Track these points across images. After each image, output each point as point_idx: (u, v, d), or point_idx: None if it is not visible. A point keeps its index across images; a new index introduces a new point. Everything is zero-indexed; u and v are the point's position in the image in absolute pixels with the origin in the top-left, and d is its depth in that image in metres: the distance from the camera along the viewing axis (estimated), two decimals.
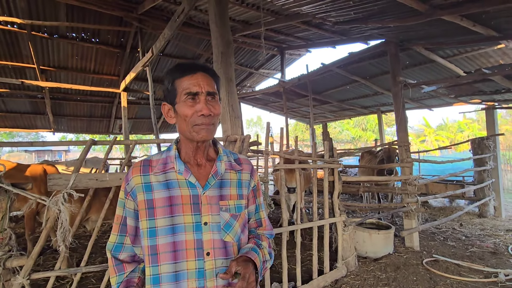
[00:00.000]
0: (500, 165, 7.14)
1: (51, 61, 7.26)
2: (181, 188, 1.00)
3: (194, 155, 1.06)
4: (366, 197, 7.51)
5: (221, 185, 1.05)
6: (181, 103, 0.99)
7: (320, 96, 9.55)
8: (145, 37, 6.71)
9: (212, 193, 1.02)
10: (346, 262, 3.90)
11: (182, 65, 1.04)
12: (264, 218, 1.21)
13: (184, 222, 0.97)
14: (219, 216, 1.01)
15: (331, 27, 5.45)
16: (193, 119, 0.98)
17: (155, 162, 1.05)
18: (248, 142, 3.13)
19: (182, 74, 1.01)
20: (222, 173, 1.06)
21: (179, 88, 0.99)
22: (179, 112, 1.00)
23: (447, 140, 21.29)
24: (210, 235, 0.99)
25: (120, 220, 1.06)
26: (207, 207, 1.00)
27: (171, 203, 0.98)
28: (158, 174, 1.02)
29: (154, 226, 0.97)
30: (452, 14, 3.68)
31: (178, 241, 0.96)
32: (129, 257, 1.08)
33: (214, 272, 0.97)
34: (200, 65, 1.04)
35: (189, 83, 0.98)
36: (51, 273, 2.28)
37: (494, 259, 4.25)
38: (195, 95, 0.98)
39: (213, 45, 3.41)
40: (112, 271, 1.05)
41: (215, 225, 1.00)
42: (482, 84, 6.07)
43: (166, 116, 1.07)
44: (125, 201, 1.04)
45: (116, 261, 1.05)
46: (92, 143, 2.42)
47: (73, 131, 10.51)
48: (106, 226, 5.98)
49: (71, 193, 2.24)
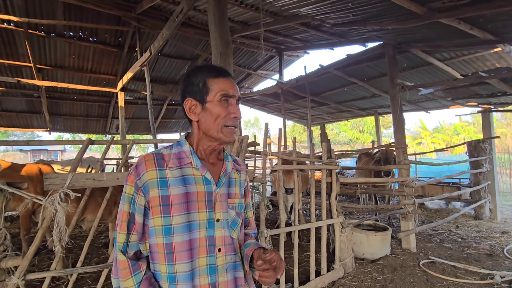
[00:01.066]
0: (495, 167, 7.19)
1: (48, 60, 7.21)
2: (197, 184, 1.00)
3: (210, 153, 1.08)
4: (363, 198, 7.53)
5: (229, 183, 1.09)
6: (215, 102, 1.01)
7: (318, 98, 9.57)
8: (143, 36, 6.68)
9: (223, 190, 1.06)
10: (344, 263, 3.90)
11: (214, 67, 1.08)
12: (251, 217, 1.26)
13: (199, 219, 0.98)
14: (227, 214, 1.04)
15: (329, 28, 5.47)
16: (225, 120, 1.01)
17: (167, 156, 1.02)
18: (247, 143, 3.12)
19: (218, 75, 1.03)
20: (230, 172, 1.11)
21: (215, 87, 1.01)
22: (211, 111, 1.01)
23: (443, 142, 21.43)
24: (222, 231, 1.02)
25: (127, 217, 0.99)
26: (220, 204, 1.03)
27: (187, 200, 0.97)
28: (173, 169, 1.00)
29: (169, 224, 0.95)
30: (450, 17, 3.71)
31: (193, 239, 0.97)
32: (134, 254, 1.01)
33: (224, 267, 1.01)
34: (229, 72, 1.09)
35: (225, 85, 1.02)
36: (47, 273, 2.26)
37: (490, 261, 4.28)
38: (230, 98, 1.02)
39: (212, 45, 3.41)
40: (127, 273, 0.96)
41: (225, 222, 1.03)
42: (478, 87, 6.12)
43: (189, 112, 1.05)
44: (134, 196, 0.98)
45: (131, 261, 0.97)
46: (90, 142, 2.40)
47: (70, 131, 10.45)
48: (102, 227, 5.94)
49: (67, 192, 2.22)
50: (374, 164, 6.47)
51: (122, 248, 0.99)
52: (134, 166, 1.01)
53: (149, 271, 1.01)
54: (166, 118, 11.31)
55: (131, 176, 1.00)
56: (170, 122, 11.86)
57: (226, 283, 1.00)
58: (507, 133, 21.56)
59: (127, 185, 1.00)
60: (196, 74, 1.05)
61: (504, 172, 11.70)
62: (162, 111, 10.66)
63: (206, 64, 1.10)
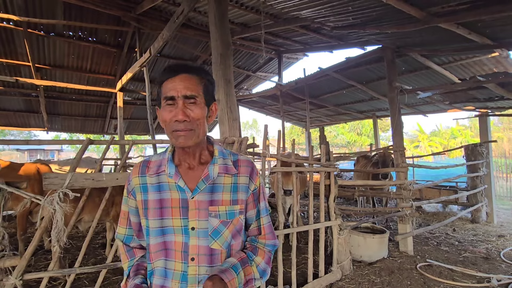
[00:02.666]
0: (492, 171, 7.24)
1: (47, 59, 7.19)
2: (171, 191, 1.00)
3: (184, 158, 1.04)
4: (361, 201, 7.54)
5: (212, 189, 1.01)
6: (162, 108, 0.98)
7: (317, 100, 9.60)
8: (143, 37, 6.68)
9: (201, 197, 0.99)
10: (341, 266, 3.90)
11: (168, 67, 1.00)
12: (264, 225, 1.12)
13: (173, 225, 0.98)
14: (207, 222, 0.97)
15: (329, 31, 5.50)
16: (171, 124, 0.95)
17: (152, 163, 1.07)
18: (246, 144, 3.13)
19: (165, 77, 0.98)
20: (214, 177, 1.01)
21: (162, 92, 0.97)
22: (159, 117, 0.99)
23: (440, 146, 21.54)
24: (196, 240, 0.96)
25: (126, 215, 1.10)
26: (195, 212, 0.97)
27: (161, 206, 0.99)
28: (152, 176, 1.03)
29: (147, 226, 1.00)
30: (449, 21, 3.74)
31: (168, 241, 0.98)
32: (139, 245, 1.12)
33: (196, 279, 0.95)
34: (183, 66, 0.99)
35: (167, 87, 0.96)
36: (45, 273, 2.25)
37: (486, 264, 4.30)
38: (171, 100, 0.94)
39: (212, 47, 3.42)
40: (124, 257, 1.10)
41: (201, 231, 0.97)
42: (476, 91, 6.17)
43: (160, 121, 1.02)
44: (127, 199, 1.09)
45: (127, 247, 1.10)
46: (89, 142, 2.40)
47: (67, 131, 10.41)
48: (99, 227, 5.91)
49: (66, 192, 2.21)
50: (372, 167, 6.49)
51: (123, 238, 1.11)
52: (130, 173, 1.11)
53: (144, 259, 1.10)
54: None
55: (126, 181, 1.10)
56: None
57: None
58: (504, 137, 21.70)
59: (125, 189, 1.11)
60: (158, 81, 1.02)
61: (500, 176, 11.76)
62: None
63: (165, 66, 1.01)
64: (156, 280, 0.99)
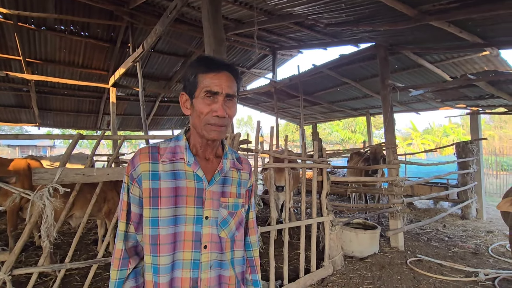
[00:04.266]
0: (482, 168, 7.35)
1: (38, 54, 7.08)
2: (187, 180, 1.01)
3: (203, 150, 1.06)
4: (354, 197, 7.61)
5: (224, 182, 1.07)
6: (199, 99, 0.99)
7: (311, 97, 9.63)
8: (136, 32, 6.62)
9: (215, 188, 1.04)
10: (333, 261, 3.95)
11: (209, 59, 1.03)
12: (253, 218, 1.22)
13: (186, 214, 0.99)
14: (218, 212, 1.03)
15: (323, 28, 5.50)
16: (207, 117, 0.98)
17: (163, 150, 1.04)
18: (238, 141, 3.13)
19: (207, 70, 0.99)
20: (226, 170, 1.08)
21: (201, 83, 0.98)
22: (196, 107, 0.99)
23: (432, 143, 21.78)
24: (209, 229, 1.01)
25: (126, 206, 1.03)
26: (210, 202, 1.02)
27: (176, 194, 0.98)
28: (166, 163, 1.01)
29: (157, 216, 0.97)
30: (440, 20, 3.77)
31: (178, 232, 0.98)
32: (133, 246, 1.06)
33: (209, 265, 1.00)
34: (227, 64, 1.03)
35: (211, 81, 0.97)
36: (34, 269, 2.23)
37: (475, 259, 4.38)
38: (214, 94, 0.97)
39: (205, 42, 3.40)
40: (116, 264, 1.02)
41: (214, 220, 1.02)
42: (467, 90, 6.24)
43: (182, 107, 1.06)
44: (130, 186, 1.02)
45: (124, 254, 1.02)
46: (80, 137, 2.38)
47: (59, 126, 10.27)
48: (91, 223, 5.88)
49: (56, 187, 2.20)
50: (363, 163, 6.55)
51: (123, 237, 1.03)
52: (132, 157, 1.04)
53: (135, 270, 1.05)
54: (159, 115, 11.22)
55: (128, 167, 1.03)
56: (163, 119, 11.78)
57: (208, 280, 1.00)
58: (495, 135, 22.05)
59: (125, 176, 1.04)
60: (191, 68, 1.03)
61: (490, 173, 11.96)
62: (155, 108, 10.58)
63: (203, 57, 1.05)
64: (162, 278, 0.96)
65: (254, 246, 1.21)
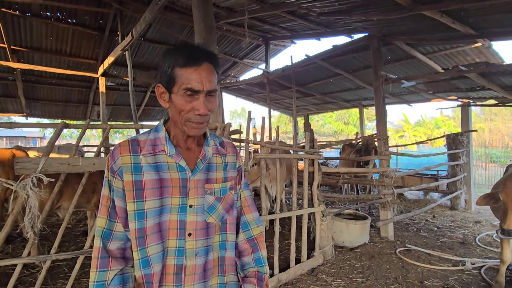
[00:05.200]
0: (472, 160, 7.46)
1: (23, 41, 6.85)
2: (171, 171, 0.99)
3: (184, 139, 1.04)
4: (346, 189, 7.67)
5: (208, 169, 1.06)
6: (178, 96, 0.93)
7: (304, 88, 9.58)
8: (125, 20, 6.44)
9: (199, 177, 1.03)
10: (323, 251, 3.98)
11: (187, 49, 0.95)
12: (246, 197, 1.19)
13: (171, 204, 0.98)
14: (203, 199, 1.02)
15: (316, 18, 5.43)
16: (188, 115, 0.94)
17: (143, 142, 1.01)
18: (229, 131, 3.09)
19: (186, 63, 0.92)
20: (209, 157, 1.07)
21: (180, 78, 0.92)
22: (175, 103, 0.95)
23: (424, 136, 22.01)
24: (194, 217, 1.00)
25: (108, 202, 0.98)
26: (194, 191, 1.01)
27: (161, 185, 0.97)
28: (147, 156, 0.99)
29: (143, 208, 0.95)
30: (433, 9, 3.75)
31: (162, 222, 0.97)
32: (119, 249, 0.98)
33: (194, 252, 0.99)
34: (206, 53, 0.96)
35: (191, 77, 0.91)
36: (18, 260, 2.18)
37: (462, 248, 4.47)
38: (195, 92, 0.92)
39: (195, 30, 3.33)
40: (94, 264, 0.95)
41: (199, 208, 1.01)
42: (458, 81, 6.27)
43: (160, 99, 1.01)
44: (111, 180, 0.98)
45: (103, 252, 0.95)
46: (64, 126, 2.31)
47: (48, 116, 10.06)
48: (81, 215, 5.81)
49: (40, 177, 2.14)
50: (355, 154, 6.58)
51: (102, 234, 0.97)
52: (111, 151, 1.01)
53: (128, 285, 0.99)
54: (150, 105, 11.05)
55: (108, 161, 1.00)
56: (154, 110, 11.61)
57: (194, 267, 1.00)
58: (485, 128, 22.37)
59: (106, 170, 1.02)
60: (168, 60, 0.95)
61: (480, 165, 12.17)
62: (146, 99, 10.41)
63: (180, 46, 0.97)
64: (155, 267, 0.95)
65: (252, 224, 1.17)
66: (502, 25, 4.19)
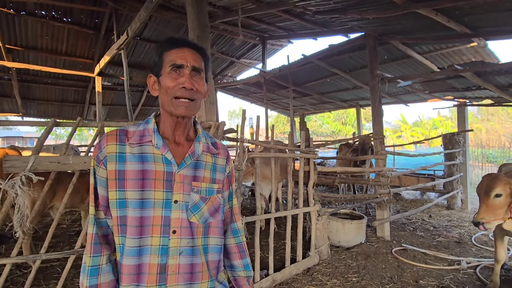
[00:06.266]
0: (468, 160, 7.46)
1: (19, 40, 6.81)
2: (156, 163, 0.98)
3: (173, 131, 1.03)
4: (343, 188, 7.66)
5: (196, 166, 1.04)
6: (165, 75, 0.98)
7: (301, 88, 9.57)
8: (121, 18, 6.42)
9: (186, 172, 1.01)
10: (319, 250, 3.96)
11: (173, 38, 1.02)
12: (236, 205, 1.22)
13: (154, 197, 0.96)
14: (189, 196, 1.00)
15: (311, 17, 5.42)
16: (174, 91, 0.97)
17: (131, 133, 1.01)
18: (223, 129, 3.07)
19: (171, 46, 0.99)
20: (199, 154, 1.05)
21: (166, 59, 0.98)
22: (162, 84, 0.99)
23: (422, 136, 22.07)
24: (179, 213, 0.98)
25: (93, 190, 1.01)
26: (180, 186, 0.99)
27: (143, 177, 0.96)
28: (133, 146, 0.98)
29: (124, 198, 0.95)
30: (427, 7, 3.74)
31: (145, 217, 0.95)
32: (104, 235, 1.01)
33: (178, 251, 0.97)
34: (191, 42, 1.03)
35: (175, 55, 0.97)
36: (7, 260, 2.15)
37: (458, 248, 4.46)
38: (179, 68, 0.97)
39: (189, 28, 3.30)
40: (89, 249, 0.99)
41: (184, 204, 0.99)
42: (454, 81, 6.27)
43: (151, 89, 1.05)
44: (97, 169, 1.00)
45: (95, 238, 0.99)
46: (55, 124, 2.28)
47: (44, 116, 10.00)
48: (76, 215, 5.77)
49: (30, 176, 2.11)
50: (351, 154, 6.57)
51: (94, 221, 1.00)
52: (99, 140, 1.02)
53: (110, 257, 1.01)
54: (147, 105, 11.02)
55: (95, 149, 1.01)
56: (151, 110, 11.57)
57: (177, 266, 0.97)
58: (482, 128, 22.44)
59: (92, 159, 1.02)
60: (157, 49, 1.03)
61: (476, 165, 12.19)
62: (143, 98, 10.38)
63: (168, 37, 1.04)
64: (127, 260, 0.94)
65: (241, 231, 1.22)
66: (497, 24, 4.19)
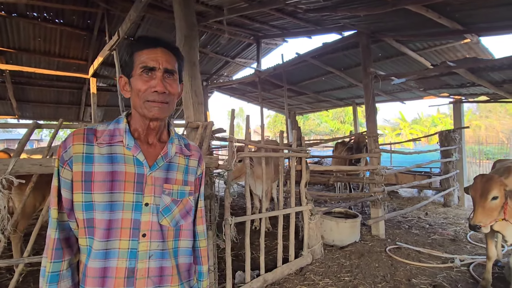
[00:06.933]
0: (465, 157, 7.44)
1: (11, 42, 6.76)
2: (126, 164, 0.94)
3: (146, 134, 1.00)
4: (339, 187, 7.63)
5: (168, 168, 1.01)
6: (136, 77, 0.94)
7: (296, 87, 9.53)
8: (113, 19, 6.38)
9: (158, 174, 0.98)
10: (312, 250, 3.93)
11: (145, 38, 0.98)
12: (201, 207, 1.17)
13: (124, 200, 0.92)
14: (160, 199, 0.97)
15: (303, 15, 5.39)
16: (146, 94, 0.93)
17: (100, 132, 0.97)
18: (211, 129, 3.05)
19: (143, 46, 0.95)
20: (171, 155, 1.02)
21: (137, 60, 0.94)
22: (133, 86, 0.95)
23: (420, 133, 22.01)
24: (150, 216, 0.95)
25: (56, 192, 0.95)
26: (151, 188, 0.96)
27: (112, 179, 0.92)
28: (102, 146, 0.94)
29: (90, 201, 0.91)
30: (416, 3, 3.71)
31: (114, 219, 0.91)
32: (65, 238, 0.95)
33: (147, 254, 0.94)
34: (164, 41, 0.98)
35: (147, 57, 0.93)
36: None
37: (453, 245, 4.44)
38: (151, 70, 0.93)
39: (176, 27, 3.29)
40: (50, 254, 0.92)
41: (155, 207, 0.96)
42: (448, 78, 6.23)
43: (122, 90, 1.01)
44: (60, 170, 0.94)
45: (57, 243, 0.93)
46: (36, 126, 2.25)
47: (40, 118, 9.94)
48: None
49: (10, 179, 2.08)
50: (346, 152, 6.54)
51: (56, 225, 0.94)
52: (64, 139, 0.96)
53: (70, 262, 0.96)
54: None
55: (59, 149, 0.95)
56: None
57: (146, 270, 0.94)
58: (481, 125, 22.38)
59: (56, 159, 0.96)
60: (127, 48, 0.98)
61: (474, 161, 12.16)
62: None
63: (139, 36, 1.03)
64: (93, 263, 0.91)
65: (201, 236, 1.15)
66: (488, 20, 4.16)
